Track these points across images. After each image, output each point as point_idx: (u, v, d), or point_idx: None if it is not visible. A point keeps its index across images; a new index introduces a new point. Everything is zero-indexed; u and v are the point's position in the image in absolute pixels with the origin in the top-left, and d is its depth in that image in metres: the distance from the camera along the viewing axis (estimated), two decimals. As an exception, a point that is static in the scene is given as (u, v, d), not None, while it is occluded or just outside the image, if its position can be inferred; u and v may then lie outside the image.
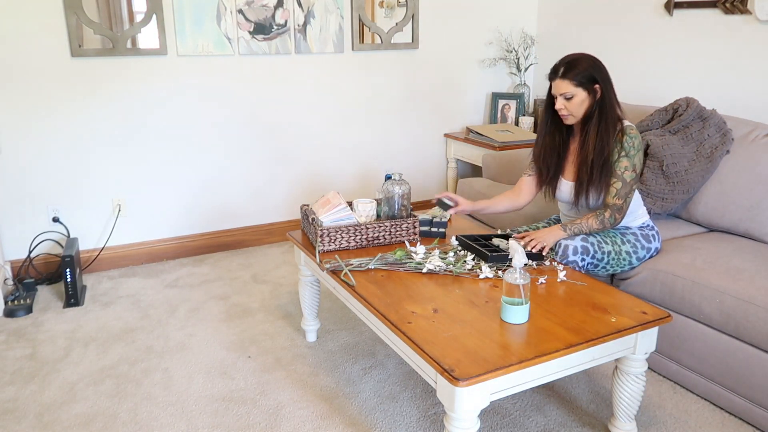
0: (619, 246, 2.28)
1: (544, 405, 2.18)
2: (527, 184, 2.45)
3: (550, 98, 2.25)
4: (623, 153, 2.17)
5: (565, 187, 2.33)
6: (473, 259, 2.13)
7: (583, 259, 2.20)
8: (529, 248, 2.16)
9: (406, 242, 2.33)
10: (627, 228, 2.34)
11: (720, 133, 2.69)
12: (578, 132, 2.28)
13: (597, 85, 2.15)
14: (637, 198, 2.35)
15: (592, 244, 2.22)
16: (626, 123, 2.21)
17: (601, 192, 2.22)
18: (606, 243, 2.25)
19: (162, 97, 3.31)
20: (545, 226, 2.52)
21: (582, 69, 2.14)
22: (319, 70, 3.67)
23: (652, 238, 2.35)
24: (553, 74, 2.20)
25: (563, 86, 2.16)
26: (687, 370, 2.22)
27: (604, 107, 2.16)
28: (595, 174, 2.20)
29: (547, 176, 2.37)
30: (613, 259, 2.27)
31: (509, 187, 3.22)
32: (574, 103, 2.17)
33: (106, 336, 2.66)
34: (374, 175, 4.02)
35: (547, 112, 2.30)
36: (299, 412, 2.14)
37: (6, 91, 2.99)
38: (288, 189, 3.78)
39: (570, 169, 2.32)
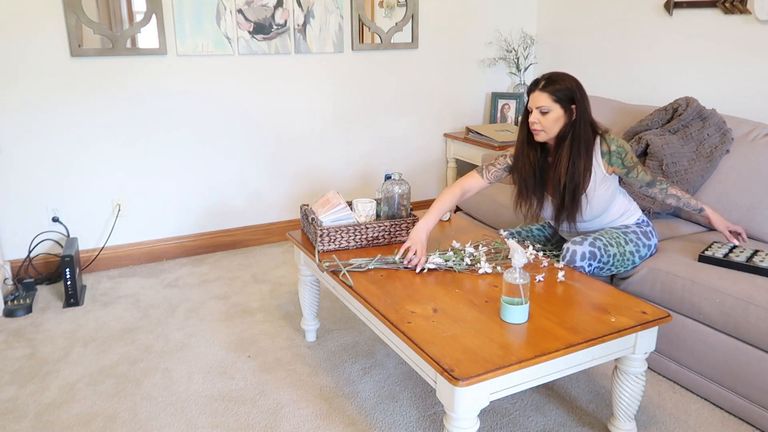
0: (623, 247, 2.28)
1: (543, 405, 2.17)
2: (476, 183, 2.34)
3: (527, 113, 2.21)
4: (624, 154, 2.19)
5: (551, 205, 2.33)
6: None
7: (590, 264, 2.21)
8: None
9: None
10: (626, 226, 2.34)
11: (720, 133, 2.69)
12: (553, 153, 2.24)
13: (574, 106, 2.14)
14: (626, 194, 2.37)
15: (599, 249, 2.22)
16: (601, 131, 2.21)
17: (577, 214, 2.23)
18: (611, 245, 2.25)
19: (161, 97, 3.31)
20: (539, 228, 2.56)
21: (563, 86, 2.13)
22: (319, 69, 3.67)
23: (650, 235, 2.36)
24: (533, 86, 2.18)
25: (541, 99, 2.14)
26: (687, 369, 2.22)
27: (578, 130, 2.15)
28: (567, 198, 2.21)
29: (526, 193, 2.32)
30: (618, 260, 2.28)
31: (509, 187, 3.22)
32: (549, 118, 2.14)
33: (105, 336, 2.66)
34: (374, 175, 4.02)
35: (522, 130, 2.26)
36: (299, 412, 2.14)
37: (6, 91, 2.99)
38: (288, 189, 3.78)
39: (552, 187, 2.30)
